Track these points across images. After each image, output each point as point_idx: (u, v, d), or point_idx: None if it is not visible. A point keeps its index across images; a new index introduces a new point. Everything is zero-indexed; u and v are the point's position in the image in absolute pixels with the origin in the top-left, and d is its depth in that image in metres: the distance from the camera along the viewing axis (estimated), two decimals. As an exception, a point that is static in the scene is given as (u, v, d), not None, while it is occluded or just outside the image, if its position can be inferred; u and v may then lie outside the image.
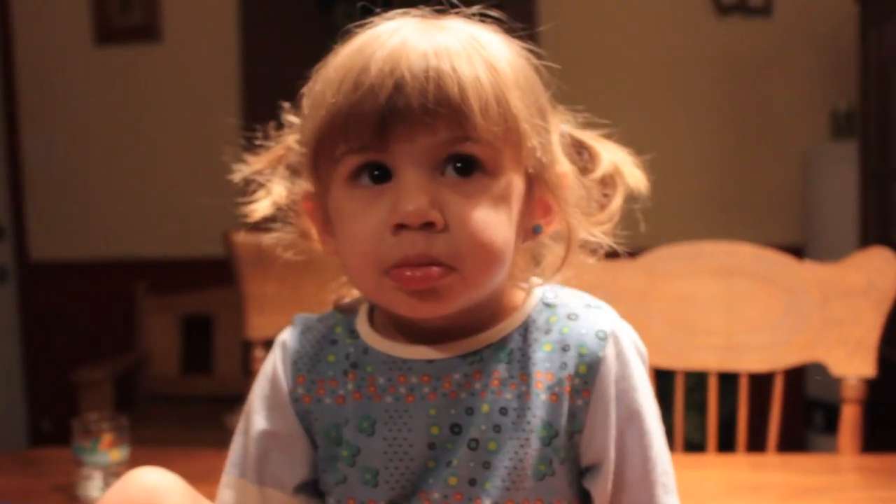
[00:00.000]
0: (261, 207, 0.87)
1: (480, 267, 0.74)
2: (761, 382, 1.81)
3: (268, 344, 0.90)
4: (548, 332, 0.80)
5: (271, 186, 0.87)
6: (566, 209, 0.81)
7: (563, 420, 0.78)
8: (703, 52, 3.48)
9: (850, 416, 1.56)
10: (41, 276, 3.85)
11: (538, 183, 0.79)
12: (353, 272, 0.79)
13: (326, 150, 0.76)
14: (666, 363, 1.62)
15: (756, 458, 1.59)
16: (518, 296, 0.84)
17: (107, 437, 1.35)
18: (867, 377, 1.55)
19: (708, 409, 1.66)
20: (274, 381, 0.86)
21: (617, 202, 0.87)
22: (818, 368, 1.58)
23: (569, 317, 0.81)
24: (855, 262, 1.57)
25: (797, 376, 3.25)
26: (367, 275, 0.76)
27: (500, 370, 0.79)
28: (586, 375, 0.78)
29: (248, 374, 1.78)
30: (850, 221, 3.14)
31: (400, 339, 0.82)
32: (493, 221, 0.74)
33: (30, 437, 3.85)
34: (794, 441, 3.17)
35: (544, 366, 0.79)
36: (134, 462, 1.39)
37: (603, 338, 0.79)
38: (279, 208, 0.87)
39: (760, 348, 1.61)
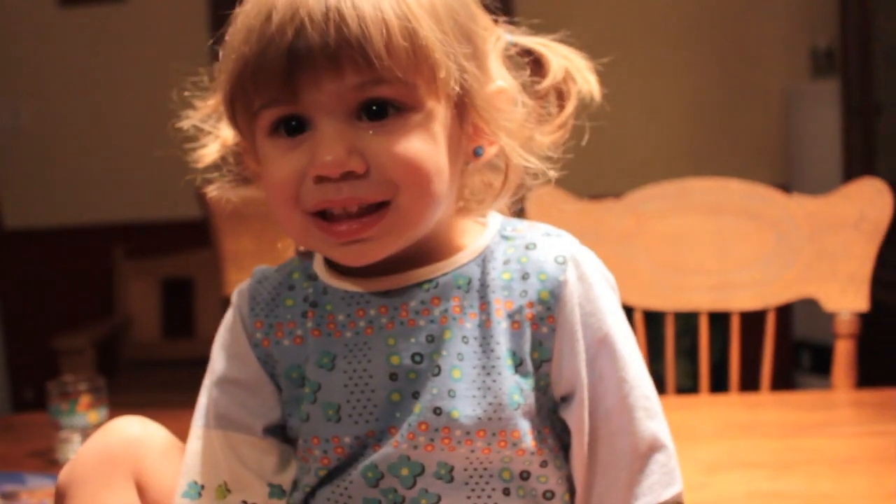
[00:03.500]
0: (209, 153, 0.86)
1: (415, 193, 0.73)
2: (749, 324, 1.79)
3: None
4: (506, 262, 0.79)
5: (218, 131, 0.86)
6: (496, 132, 0.78)
7: (528, 347, 0.76)
8: (680, -7, 3.43)
9: (843, 352, 1.53)
10: (17, 244, 3.79)
11: (468, 107, 0.77)
12: (280, 220, 0.77)
13: (242, 104, 0.74)
14: (656, 305, 1.59)
15: (750, 398, 1.57)
16: (474, 229, 0.82)
17: (84, 399, 1.31)
18: (861, 311, 1.53)
19: (699, 351, 1.63)
20: (233, 329, 0.85)
21: (568, 109, 0.84)
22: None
23: (527, 247, 0.79)
24: (846, 194, 1.54)
25: (785, 317, 3.25)
26: (292, 220, 0.75)
27: (460, 297, 0.78)
28: (548, 301, 0.76)
29: (229, 332, 1.75)
30: (833, 159, 3.12)
31: (357, 275, 0.80)
32: (418, 149, 0.72)
33: (13, 407, 3.82)
34: (782, 382, 3.17)
35: (503, 294, 0.77)
36: (113, 423, 1.36)
37: (562, 262, 0.77)
38: (230, 153, 0.86)
39: (752, 285, 1.59)
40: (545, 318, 0.76)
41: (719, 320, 1.81)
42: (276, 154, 0.74)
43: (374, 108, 0.72)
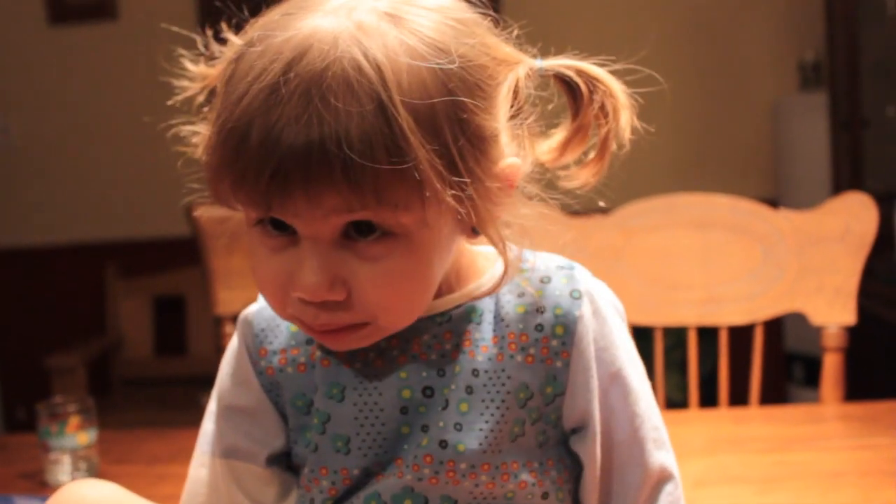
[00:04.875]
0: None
1: (395, 318, 0.72)
2: (740, 337, 1.80)
3: (237, 319, 0.86)
4: (520, 294, 0.78)
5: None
6: (494, 224, 0.72)
7: (540, 382, 0.76)
8: (668, 5, 3.44)
9: (831, 365, 1.54)
10: (8, 263, 3.78)
11: (473, 202, 0.68)
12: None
13: (222, 195, 0.69)
14: (645, 320, 1.60)
15: (739, 412, 1.58)
16: (487, 260, 0.81)
17: (73, 420, 1.31)
18: (847, 325, 1.53)
19: (689, 366, 1.64)
20: (238, 357, 0.84)
21: (608, 147, 0.78)
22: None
23: (541, 280, 0.78)
24: (831, 208, 1.55)
25: (776, 329, 3.25)
26: (277, 311, 0.74)
27: (472, 331, 0.77)
28: (564, 336, 0.76)
29: (219, 350, 1.75)
30: (821, 172, 3.13)
31: None
32: (403, 274, 0.69)
33: (5, 425, 3.80)
34: (774, 395, 3.17)
35: (518, 327, 0.77)
36: (102, 444, 1.36)
37: (578, 297, 0.77)
38: None
39: (739, 300, 1.59)
40: (559, 352, 0.76)
41: (710, 333, 1.82)
42: (261, 251, 0.71)
43: (356, 229, 0.67)
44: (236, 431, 0.84)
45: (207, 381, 1.03)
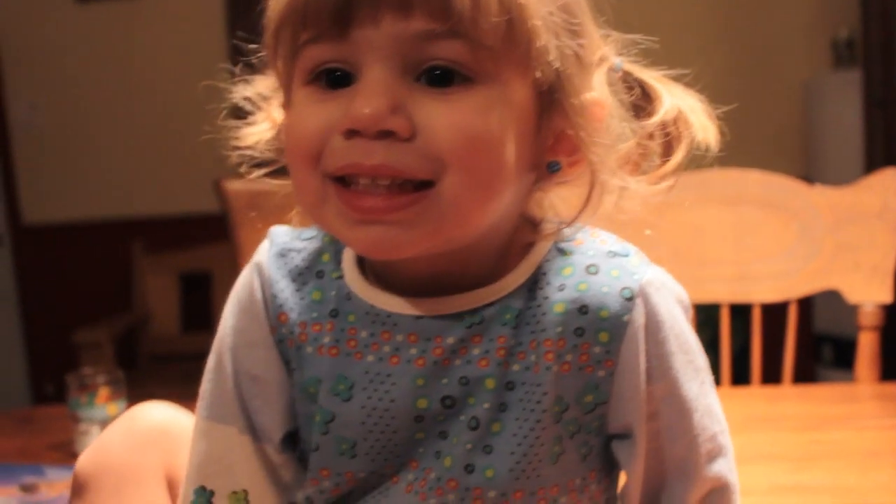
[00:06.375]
0: (257, 131, 0.72)
1: (467, 179, 0.59)
2: (771, 315, 1.77)
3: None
4: (561, 288, 0.66)
5: (270, 109, 0.72)
6: (589, 145, 0.64)
7: (577, 392, 0.66)
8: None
9: (867, 344, 1.51)
10: (35, 239, 3.80)
11: (556, 107, 0.63)
12: (294, 184, 0.64)
13: (285, 41, 0.61)
14: (675, 297, 1.58)
15: (772, 390, 1.55)
16: (525, 239, 0.69)
17: (103, 392, 1.31)
18: (884, 303, 1.51)
19: (721, 343, 1.61)
20: (252, 315, 0.71)
21: (676, 158, 0.70)
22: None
23: (588, 269, 0.66)
24: (868, 184, 1.52)
25: (806, 309, 3.22)
26: (308, 183, 0.62)
27: (506, 336, 0.66)
28: (608, 344, 0.65)
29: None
30: (854, 151, 3.09)
31: (387, 288, 0.68)
32: (480, 126, 0.59)
33: (34, 401, 3.83)
34: (803, 376, 3.14)
35: (556, 331, 0.65)
36: (131, 416, 1.35)
37: (629, 297, 0.65)
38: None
39: (773, 277, 1.57)
40: (603, 361, 0.65)
41: (740, 312, 1.80)
42: (306, 104, 0.61)
43: (438, 72, 0.58)
44: (251, 404, 0.72)
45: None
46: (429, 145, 0.58)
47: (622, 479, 0.73)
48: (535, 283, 0.67)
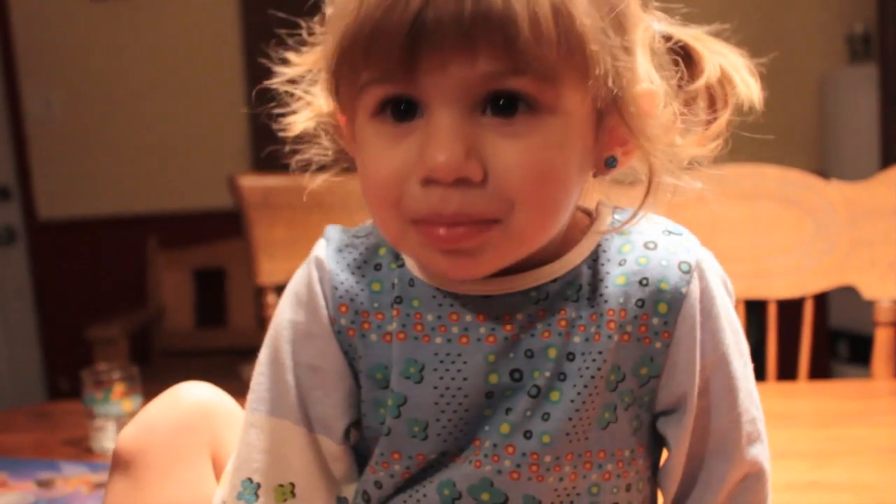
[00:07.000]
0: (300, 119, 0.74)
1: (531, 220, 0.63)
2: (787, 311, 1.76)
3: (279, 290, 0.81)
4: (621, 262, 0.69)
5: (313, 97, 0.74)
6: (645, 144, 0.66)
7: (634, 363, 0.69)
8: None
9: (883, 340, 1.51)
10: (50, 235, 3.81)
11: (611, 111, 0.65)
12: (374, 219, 0.68)
13: (348, 75, 0.63)
14: (690, 293, 1.57)
15: (787, 386, 1.55)
16: (585, 220, 0.72)
17: (118, 388, 1.32)
18: (901, 299, 1.50)
19: (735, 339, 1.61)
20: (312, 308, 0.73)
21: (723, 118, 0.73)
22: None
23: (646, 245, 0.69)
24: (884, 180, 1.51)
25: (821, 305, 3.21)
26: (390, 224, 0.65)
27: (568, 309, 0.68)
28: (667, 315, 0.68)
29: (261, 322, 1.75)
30: (869, 146, 3.07)
31: None
32: (547, 166, 0.61)
33: (48, 396, 3.85)
34: (819, 372, 3.13)
35: (617, 301, 0.68)
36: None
37: (687, 271, 0.68)
38: (323, 125, 0.74)
39: (788, 273, 1.56)
40: (660, 332, 0.68)
41: (756, 308, 1.79)
42: (378, 143, 0.63)
43: (502, 101, 0.60)
44: (310, 397, 0.73)
45: (248, 353, 1.00)
46: (500, 188, 0.61)
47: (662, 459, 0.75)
48: (595, 260, 0.70)
